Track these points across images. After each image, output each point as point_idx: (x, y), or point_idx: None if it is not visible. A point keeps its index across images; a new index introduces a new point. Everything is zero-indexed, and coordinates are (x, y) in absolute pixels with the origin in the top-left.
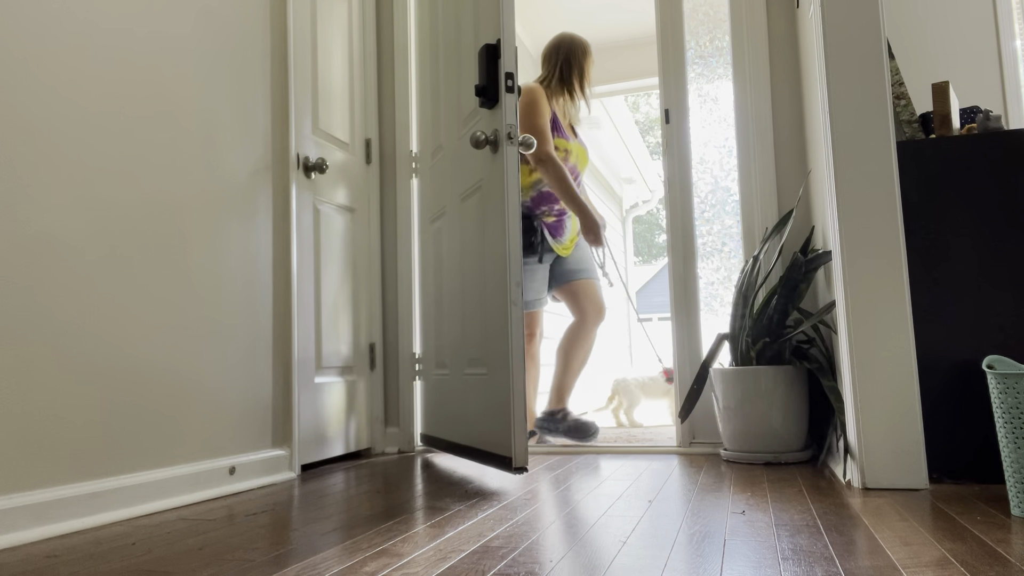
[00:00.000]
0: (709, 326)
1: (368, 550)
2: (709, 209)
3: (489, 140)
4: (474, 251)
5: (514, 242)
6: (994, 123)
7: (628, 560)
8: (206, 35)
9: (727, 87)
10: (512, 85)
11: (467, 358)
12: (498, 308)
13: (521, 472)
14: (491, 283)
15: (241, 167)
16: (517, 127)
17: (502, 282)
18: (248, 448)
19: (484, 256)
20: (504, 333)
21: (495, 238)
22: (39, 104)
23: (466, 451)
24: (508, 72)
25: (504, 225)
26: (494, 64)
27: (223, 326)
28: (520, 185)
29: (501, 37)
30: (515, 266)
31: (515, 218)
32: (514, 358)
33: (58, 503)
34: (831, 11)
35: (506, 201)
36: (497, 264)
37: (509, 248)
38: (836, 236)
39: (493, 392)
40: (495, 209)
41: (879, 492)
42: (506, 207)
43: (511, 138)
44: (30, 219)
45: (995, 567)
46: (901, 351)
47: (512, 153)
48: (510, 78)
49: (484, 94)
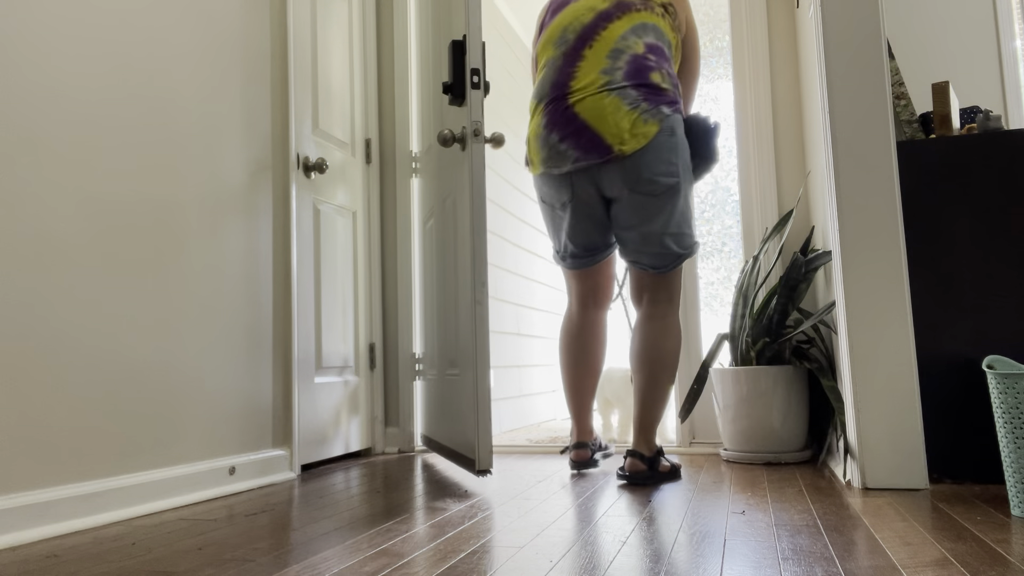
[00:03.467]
0: (709, 326)
1: (368, 550)
2: (709, 209)
3: (456, 138)
4: (451, 250)
5: (479, 239)
6: (994, 123)
7: (628, 560)
8: (206, 35)
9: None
10: (479, 81)
11: (448, 359)
12: (467, 308)
13: (484, 475)
14: (462, 282)
15: (241, 167)
16: (483, 124)
17: (468, 280)
18: (248, 448)
19: (457, 255)
20: (471, 333)
21: (464, 235)
22: (39, 104)
23: (448, 452)
24: (474, 68)
25: (471, 221)
26: (461, 60)
27: (223, 326)
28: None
29: (467, 33)
30: (479, 265)
31: (480, 215)
32: (479, 359)
33: (58, 503)
34: (831, 11)
35: (472, 197)
36: (464, 262)
37: (475, 245)
38: (836, 236)
39: (464, 392)
40: (463, 206)
41: (879, 492)
42: (472, 204)
43: (477, 135)
44: (30, 219)
45: (995, 567)
46: (901, 351)
47: (478, 150)
48: (476, 74)
49: (451, 91)
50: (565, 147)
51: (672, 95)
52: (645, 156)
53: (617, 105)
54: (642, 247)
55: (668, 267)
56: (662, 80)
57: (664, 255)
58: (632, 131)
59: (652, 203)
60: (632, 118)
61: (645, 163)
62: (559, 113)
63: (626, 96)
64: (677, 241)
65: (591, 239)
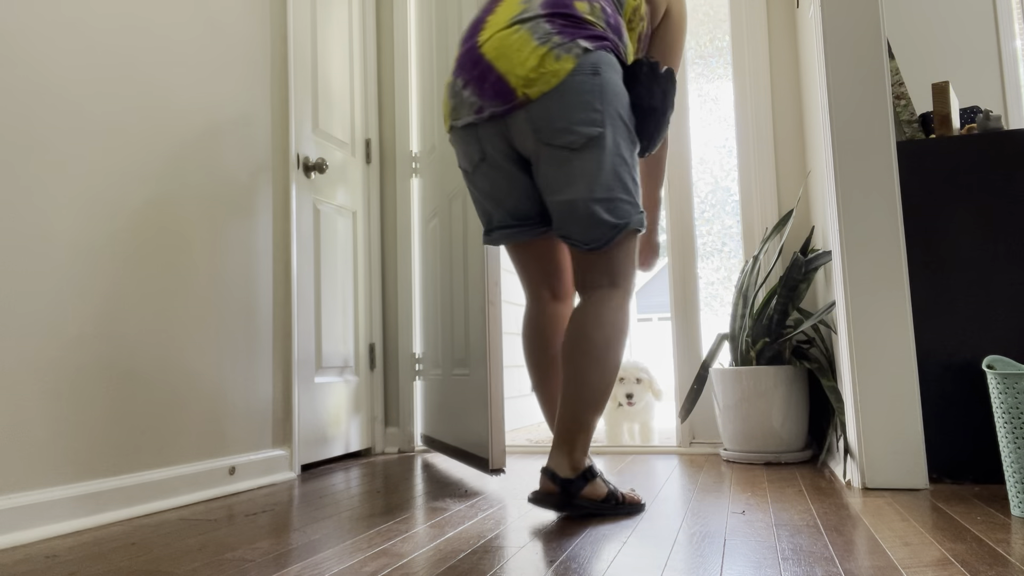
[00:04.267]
0: (709, 326)
1: (368, 550)
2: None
3: None
4: (460, 250)
5: None
6: (994, 123)
7: (628, 560)
8: (206, 36)
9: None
10: None
11: (454, 359)
12: (477, 308)
13: (498, 474)
14: (472, 282)
15: (241, 167)
16: None
17: (479, 281)
18: (248, 448)
19: (467, 255)
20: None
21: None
22: (39, 104)
23: (455, 452)
24: None
25: None
26: None
27: (223, 326)
28: None
29: None
30: (493, 265)
31: None
32: (492, 358)
33: (58, 503)
34: (831, 11)
35: None
36: (475, 262)
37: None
38: (836, 236)
39: (473, 392)
40: None
41: (879, 492)
42: None
43: None
44: (30, 219)
45: (995, 567)
46: (901, 351)
47: None
48: None
49: None
50: (468, 94)
51: (600, 31)
52: (557, 100)
53: (525, 40)
54: (568, 217)
55: (602, 242)
56: (590, 12)
57: (593, 226)
58: (539, 69)
59: (572, 160)
60: (540, 54)
61: (557, 109)
62: (466, 55)
63: (537, 29)
64: (609, 209)
65: (518, 205)
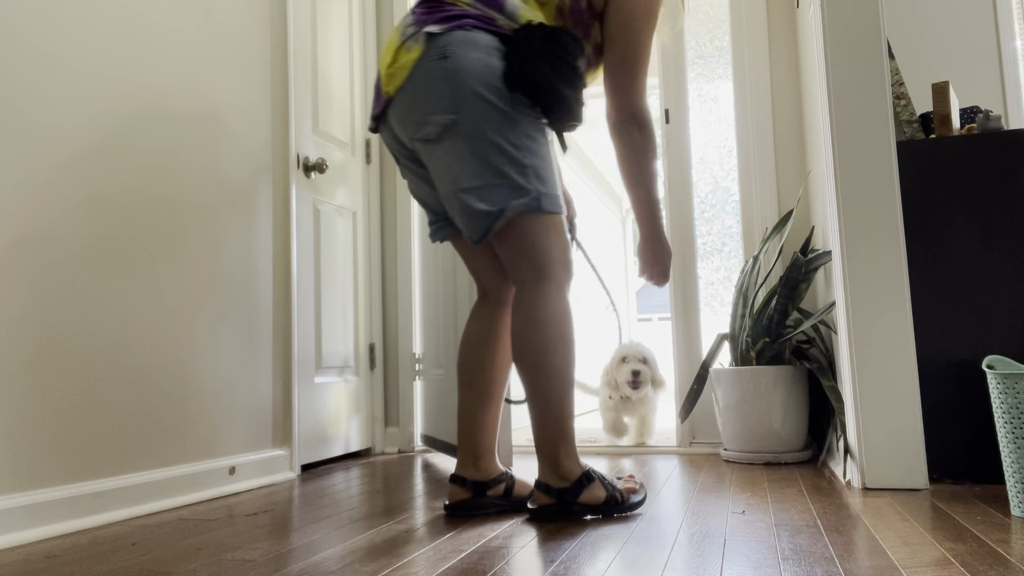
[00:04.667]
0: (709, 326)
1: (368, 550)
2: (709, 209)
3: None
4: None
5: None
6: (994, 123)
7: (628, 560)
8: (206, 35)
9: (727, 87)
10: None
11: (454, 358)
12: None
13: None
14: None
15: (241, 167)
16: None
17: None
18: (248, 448)
19: None
20: None
21: None
22: (39, 103)
23: (455, 451)
24: None
25: None
26: None
27: (223, 326)
28: None
29: None
30: None
31: None
32: None
33: (58, 503)
34: (831, 11)
35: None
36: None
37: None
38: (836, 236)
39: None
40: None
41: (879, 492)
42: None
43: None
44: (30, 219)
45: (995, 567)
46: (901, 351)
47: None
48: None
49: None
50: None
51: (461, 9)
52: (410, 92)
53: (392, 39)
54: (452, 211)
55: (482, 232)
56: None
57: (470, 217)
58: (394, 64)
59: (436, 152)
60: (394, 48)
61: (411, 101)
62: None
63: (402, 24)
64: (482, 197)
65: (434, 203)
